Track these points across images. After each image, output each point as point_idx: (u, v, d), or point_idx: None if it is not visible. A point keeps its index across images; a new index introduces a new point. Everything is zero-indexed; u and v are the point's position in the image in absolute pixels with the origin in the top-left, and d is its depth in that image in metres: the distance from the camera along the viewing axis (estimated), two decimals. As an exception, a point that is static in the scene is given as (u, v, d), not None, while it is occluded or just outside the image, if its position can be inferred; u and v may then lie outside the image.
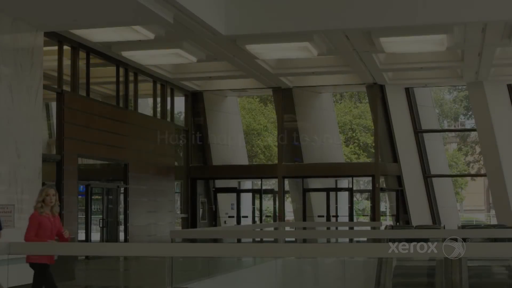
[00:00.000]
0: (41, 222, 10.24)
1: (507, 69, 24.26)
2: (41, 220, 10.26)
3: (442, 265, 12.78)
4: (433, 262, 13.13)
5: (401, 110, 27.01)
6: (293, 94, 27.41)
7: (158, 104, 25.95)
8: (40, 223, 10.24)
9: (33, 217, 10.35)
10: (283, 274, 13.93)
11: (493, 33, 19.00)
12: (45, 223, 10.29)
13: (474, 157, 50.08)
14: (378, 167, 26.20)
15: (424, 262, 13.53)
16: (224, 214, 28.94)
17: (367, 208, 28.14)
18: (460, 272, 12.53)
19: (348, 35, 19.25)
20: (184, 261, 11.19)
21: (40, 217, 10.27)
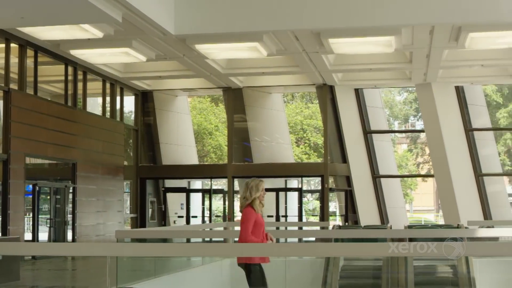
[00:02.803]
0: (257, 219, 9.71)
1: (454, 71, 24.56)
2: (257, 216, 9.75)
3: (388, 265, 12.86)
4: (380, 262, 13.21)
5: (350, 111, 27.18)
6: (243, 94, 27.42)
7: (107, 103, 25.79)
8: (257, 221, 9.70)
9: (247, 214, 9.75)
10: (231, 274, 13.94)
11: (441, 35, 19.21)
12: (260, 220, 9.78)
13: (424, 158, 50.59)
14: (327, 168, 26.33)
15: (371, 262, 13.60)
16: (174, 214, 28.85)
17: (317, 208, 28.28)
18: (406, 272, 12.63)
19: (297, 35, 19.33)
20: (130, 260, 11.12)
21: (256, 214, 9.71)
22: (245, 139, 28.05)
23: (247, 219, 9.57)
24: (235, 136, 27.88)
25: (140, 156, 28.30)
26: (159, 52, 21.05)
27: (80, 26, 17.78)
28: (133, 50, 20.14)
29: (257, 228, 9.61)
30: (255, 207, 9.64)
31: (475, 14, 17.39)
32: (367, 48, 20.27)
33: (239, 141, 28.09)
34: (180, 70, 24.05)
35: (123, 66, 24.64)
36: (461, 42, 19.20)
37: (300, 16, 17.95)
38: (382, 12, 17.61)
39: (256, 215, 9.62)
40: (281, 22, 18.09)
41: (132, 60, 21.82)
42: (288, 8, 17.93)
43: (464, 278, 12.72)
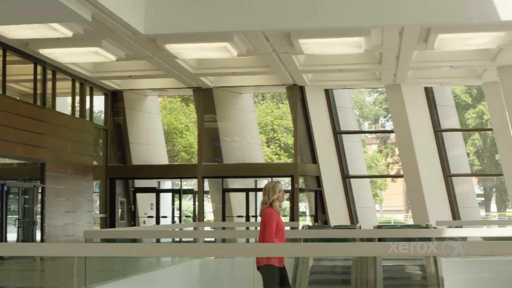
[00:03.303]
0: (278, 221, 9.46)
1: (424, 72, 24.72)
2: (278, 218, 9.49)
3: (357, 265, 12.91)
4: (349, 262, 13.26)
5: (320, 111, 27.25)
6: (213, 94, 27.40)
7: (77, 103, 25.65)
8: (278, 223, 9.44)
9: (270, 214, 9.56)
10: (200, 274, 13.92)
11: (410, 36, 19.32)
12: (281, 223, 9.51)
13: (393, 159, 50.85)
14: (297, 168, 26.37)
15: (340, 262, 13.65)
16: (143, 214, 28.77)
17: (287, 208, 28.31)
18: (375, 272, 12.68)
19: (267, 36, 19.35)
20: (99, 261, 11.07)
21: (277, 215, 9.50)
22: (215, 139, 28.03)
23: (269, 219, 9.47)
24: (205, 136, 27.84)
25: (109, 156, 28.17)
26: (129, 52, 20.97)
27: (49, 25, 17.66)
28: (103, 50, 20.04)
29: (278, 231, 9.57)
30: (275, 208, 9.60)
31: (443, 16, 17.51)
32: (337, 48, 20.33)
33: (209, 141, 28.06)
34: (150, 70, 23.97)
35: (93, 66, 24.52)
36: (430, 44, 19.31)
37: (270, 16, 17.98)
38: (352, 13, 17.67)
39: (277, 217, 9.57)
40: (251, 22, 18.10)
41: (102, 60, 21.70)
42: (258, 9, 17.95)
43: (432, 278, 12.81)
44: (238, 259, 12.78)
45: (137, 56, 21.70)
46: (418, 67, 23.24)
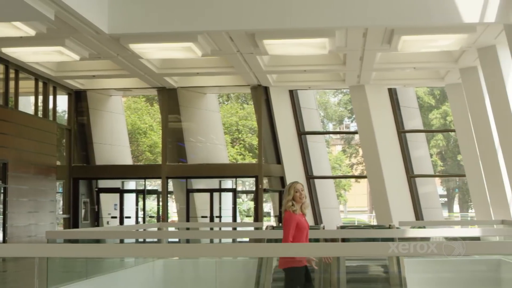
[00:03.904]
0: (298, 222, 9.51)
1: (387, 73, 24.86)
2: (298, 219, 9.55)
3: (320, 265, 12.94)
4: (312, 262, 13.30)
5: (285, 112, 27.30)
6: (178, 95, 27.33)
7: (40, 102, 25.45)
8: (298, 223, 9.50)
9: (287, 217, 9.58)
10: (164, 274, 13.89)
11: (374, 38, 19.42)
12: (302, 224, 9.59)
13: (357, 159, 51.09)
14: (261, 168, 26.39)
15: (303, 262, 13.68)
16: (107, 214, 28.61)
17: (251, 209, 28.35)
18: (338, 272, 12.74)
19: (232, 36, 19.35)
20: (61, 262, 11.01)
21: (296, 216, 9.55)
22: (179, 139, 27.96)
23: (287, 223, 9.50)
24: (170, 136, 27.77)
25: (73, 156, 27.98)
26: (92, 51, 20.85)
27: (11, 24, 17.52)
28: (66, 49, 19.90)
29: (299, 231, 9.51)
30: (291, 209, 9.58)
31: (407, 18, 17.62)
32: (302, 49, 20.38)
33: (173, 141, 27.99)
34: (114, 69, 23.84)
35: (56, 65, 24.34)
36: (393, 45, 19.44)
37: (235, 17, 17.97)
38: (316, 14, 17.72)
39: (298, 218, 9.53)
40: (215, 22, 18.09)
41: (65, 59, 21.55)
42: (223, 9, 17.94)
43: (395, 278, 12.90)
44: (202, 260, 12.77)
45: (101, 56, 21.58)
46: (382, 68, 23.36)
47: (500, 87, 19.90)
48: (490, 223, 20.39)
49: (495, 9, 17.20)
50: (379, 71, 23.84)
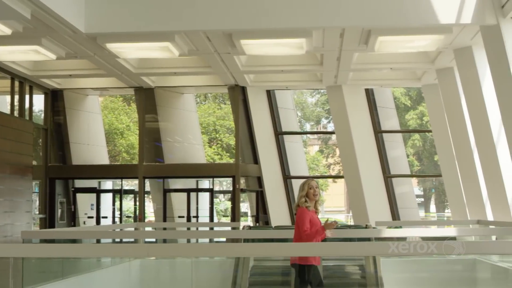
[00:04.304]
0: (311, 218, 9.52)
1: (364, 74, 24.93)
2: (311, 216, 9.53)
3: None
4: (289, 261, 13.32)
5: (262, 112, 27.32)
6: (155, 94, 27.27)
7: (16, 101, 25.31)
8: (311, 220, 9.50)
9: (300, 214, 9.60)
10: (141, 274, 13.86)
11: (351, 38, 19.47)
12: (315, 220, 9.57)
13: (334, 159, 51.21)
14: (238, 168, 26.39)
15: (280, 262, 13.72)
16: (84, 214, 28.49)
17: (228, 209, 28.34)
18: (315, 272, 12.75)
19: (209, 36, 19.33)
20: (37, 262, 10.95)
21: (309, 212, 9.55)
22: (157, 139, 27.90)
23: (301, 218, 9.54)
24: (147, 136, 27.70)
25: (49, 155, 27.84)
26: (69, 51, 20.76)
27: (-13, 23, 17.42)
28: (43, 48, 19.79)
29: (312, 228, 9.52)
30: (305, 205, 9.60)
31: (384, 18, 17.68)
32: (279, 49, 20.39)
33: (150, 141, 27.92)
34: (91, 69, 23.75)
35: (33, 64, 24.22)
36: (370, 46, 19.50)
37: (212, 17, 17.95)
38: (293, 15, 17.74)
39: (310, 214, 9.55)
40: (192, 22, 18.06)
41: (41, 58, 21.43)
42: (200, 9, 17.93)
43: (371, 278, 12.96)
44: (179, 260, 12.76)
45: (78, 55, 21.49)
46: (359, 69, 23.42)
47: (476, 88, 20.02)
48: (466, 223, 20.51)
49: (471, 10, 17.30)
50: (356, 71, 23.90)
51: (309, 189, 9.68)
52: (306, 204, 9.63)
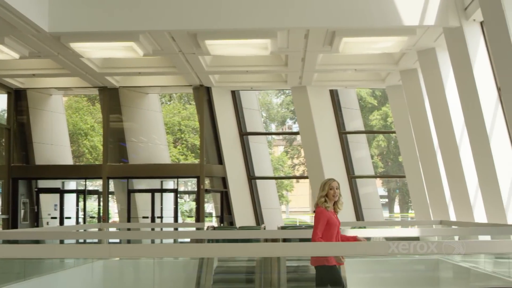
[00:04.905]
0: (329, 219, 9.41)
1: (329, 75, 25.02)
2: (329, 216, 9.42)
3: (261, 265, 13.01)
4: (253, 262, 13.36)
5: (227, 112, 27.31)
6: (119, 94, 27.15)
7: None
8: (329, 220, 9.40)
9: (318, 213, 9.49)
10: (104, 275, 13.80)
11: (315, 39, 19.53)
12: (333, 221, 9.44)
13: (299, 160, 51.29)
14: (203, 169, 26.35)
15: (244, 263, 13.75)
16: (47, 215, 28.29)
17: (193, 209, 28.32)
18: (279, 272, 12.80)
19: (174, 36, 19.29)
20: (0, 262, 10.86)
21: (328, 213, 9.43)
22: (121, 139, 27.78)
23: (317, 219, 9.53)
24: (111, 136, 27.57)
25: (12, 155, 27.60)
26: (33, 50, 20.60)
27: (-51, 21, 17.23)
28: (6, 47, 19.63)
29: (330, 228, 9.48)
30: (324, 206, 9.57)
31: (348, 20, 17.76)
32: (244, 50, 20.40)
33: (115, 141, 27.79)
34: (55, 68, 23.57)
35: (-5, 63, 24.03)
36: (335, 47, 19.57)
37: (177, 17, 17.92)
38: (258, 15, 17.77)
39: (329, 215, 9.51)
40: (157, 22, 18.02)
41: (4, 57, 21.23)
42: (165, 9, 17.88)
43: (335, 278, 12.97)
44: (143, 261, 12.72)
45: (41, 54, 21.33)
46: (324, 70, 23.49)
47: (439, 90, 20.17)
48: (429, 224, 20.66)
49: (434, 12, 17.45)
50: (321, 72, 23.98)
51: (330, 190, 9.69)
52: (326, 204, 9.62)
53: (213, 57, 22.60)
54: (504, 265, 12.38)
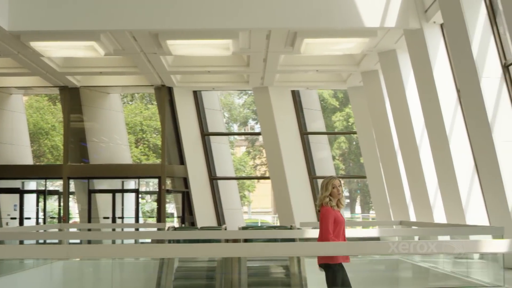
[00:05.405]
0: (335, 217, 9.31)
1: (291, 76, 25.06)
2: (335, 215, 9.33)
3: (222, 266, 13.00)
4: (214, 262, 13.35)
5: (188, 112, 27.26)
6: (80, 94, 26.97)
7: None
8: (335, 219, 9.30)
9: (324, 212, 9.41)
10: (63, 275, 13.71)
11: (277, 40, 19.56)
12: (339, 219, 9.34)
13: (261, 161, 51.32)
14: (164, 169, 26.28)
15: (205, 263, 13.73)
16: (6, 215, 28.01)
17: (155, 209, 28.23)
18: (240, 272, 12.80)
19: (135, 36, 19.22)
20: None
21: (334, 212, 9.34)
22: (82, 139, 27.61)
23: (324, 218, 9.44)
24: (72, 136, 27.37)
25: (-29, 155, 27.35)
26: (-8, 49, 20.43)
27: None
28: (-35, 46, 19.46)
29: (337, 226, 9.45)
30: (329, 205, 9.53)
31: (309, 21, 17.82)
32: (205, 50, 20.38)
33: (76, 141, 27.60)
34: (15, 67, 23.35)
35: (-46, 62, 23.76)
36: (296, 48, 19.62)
37: (138, 16, 17.85)
38: (219, 15, 17.77)
39: (334, 213, 9.47)
40: (118, 22, 17.92)
41: (-37, 56, 21.08)
42: (126, 8, 17.80)
43: (296, 278, 13.05)
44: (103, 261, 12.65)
45: (1, 53, 21.10)
46: (285, 71, 23.54)
47: (399, 91, 20.31)
48: (389, 224, 20.80)
49: (395, 14, 17.58)
50: (283, 73, 24.03)
51: (333, 188, 9.66)
52: (331, 203, 9.61)
53: (175, 57, 22.55)
54: (462, 265, 12.49)
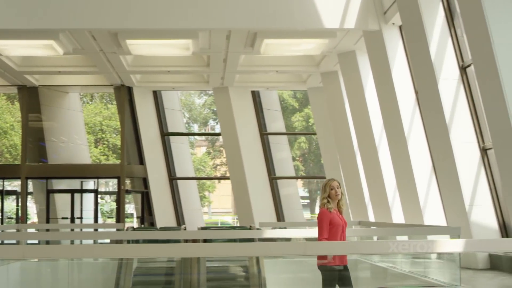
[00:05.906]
0: (332, 219, 9.20)
1: (251, 76, 25.09)
2: (332, 217, 9.22)
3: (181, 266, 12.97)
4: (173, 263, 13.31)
5: (148, 112, 27.17)
6: (39, 93, 26.75)
7: None
8: (331, 221, 9.18)
9: (321, 214, 9.23)
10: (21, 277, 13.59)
11: (237, 40, 19.59)
12: (336, 221, 9.25)
13: (221, 161, 51.32)
14: (123, 169, 26.16)
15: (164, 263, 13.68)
16: (-38, 216, 27.75)
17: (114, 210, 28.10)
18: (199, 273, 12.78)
19: (94, 35, 19.12)
20: None
21: (330, 214, 9.23)
22: (41, 139, 27.38)
23: (319, 220, 9.38)
24: (31, 136, 27.14)
25: None
26: (-51, 47, 20.19)
27: None
28: None
29: (334, 228, 9.40)
30: (326, 207, 9.48)
31: (269, 21, 17.84)
32: (165, 50, 20.34)
33: (34, 141, 27.37)
34: (-28, 66, 23.17)
35: None
36: (256, 48, 19.67)
37: (97, 15, 17.74)
38: (179, 15, 17.72)
39: (331, 215, 9.43)
40: (77, 20, 17.79)
41: None
42: (85, 7, 17.68)
43: (254, 278, 13.05)
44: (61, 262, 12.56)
45: (-42, 52, 20.93)
46: (245, 71, 23.57)
47: (358, 92, 20.44)
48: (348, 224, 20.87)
49: (354, 16, 17.68)
50: (243, 73, 24.06)
51: (331, 190, 9.66)
52: (329, 205, 9.60)
53: (135, 57, 22.47)
54: (420, 265, 12.59)
